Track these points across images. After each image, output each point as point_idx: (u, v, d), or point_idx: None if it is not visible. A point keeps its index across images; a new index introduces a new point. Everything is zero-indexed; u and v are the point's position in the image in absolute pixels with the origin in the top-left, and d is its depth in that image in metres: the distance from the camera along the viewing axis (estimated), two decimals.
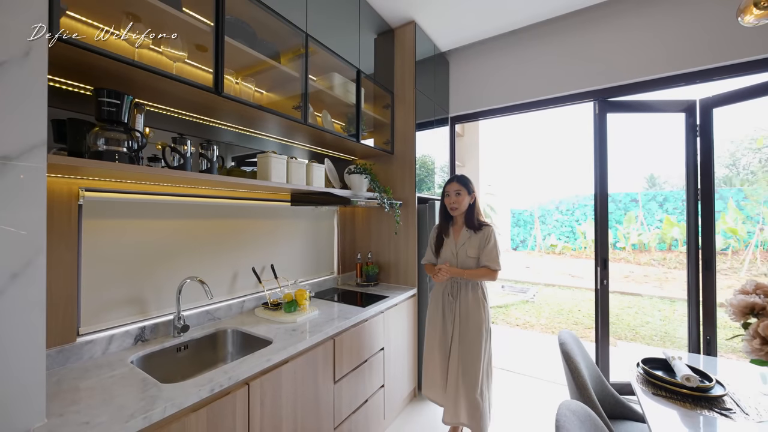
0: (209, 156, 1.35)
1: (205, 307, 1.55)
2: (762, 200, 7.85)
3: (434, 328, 1.87)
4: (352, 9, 2.04)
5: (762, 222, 7.18)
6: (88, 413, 0.85)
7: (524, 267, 8.64)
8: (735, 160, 10.68)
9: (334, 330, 1.53)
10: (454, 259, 1.83)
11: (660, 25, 2.12)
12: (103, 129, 1.00)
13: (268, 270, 1.88)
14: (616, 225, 10.28)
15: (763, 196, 7.95)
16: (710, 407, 1.04)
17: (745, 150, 10.45)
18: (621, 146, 11.61)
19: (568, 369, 1.21)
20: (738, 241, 7.74)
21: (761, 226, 7.03)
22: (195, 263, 1.54)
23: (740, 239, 7.63)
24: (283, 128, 1.73)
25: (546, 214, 11.83)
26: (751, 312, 0.84)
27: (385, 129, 2.44)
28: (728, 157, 11.14)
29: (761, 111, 8.79)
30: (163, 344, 1.31)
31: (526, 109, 2.66)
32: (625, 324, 4.44)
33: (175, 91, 1.22)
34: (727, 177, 11.05)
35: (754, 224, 7.38)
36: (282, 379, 1.25)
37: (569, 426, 0.78)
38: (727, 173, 11.11)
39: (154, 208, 1.39)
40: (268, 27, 1.55)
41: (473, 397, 1.69)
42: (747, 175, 10.05)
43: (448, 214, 1.88)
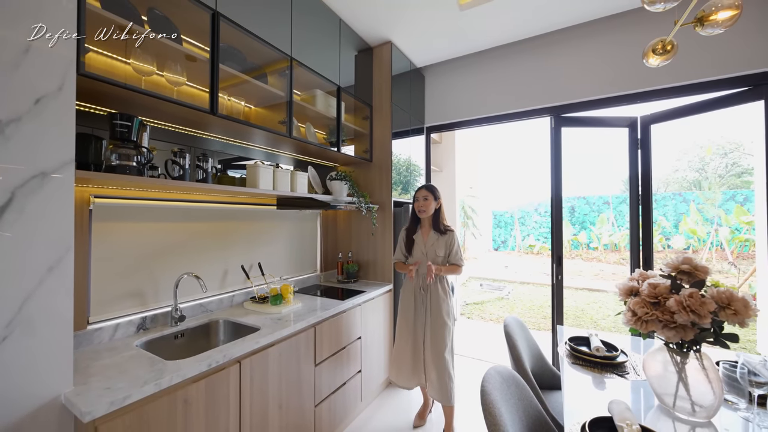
0: (204, 167, 1.54)
1: (199, 301, 1.74)
2: (717, 203, 8.48)
3: (407, 319, 2.09)
4: (334, 30, 2.26)
5: (717, 223, 7.79)
6: (108, 382, 1.03)
7: (503, 266, 9.02)
8: (704, 164, 11.44)
9: (316, 319, 1.75)
10: (425, 257, 2.06)
11: (606, 51, 2.42)
12: (116, 146, 1.18)
13: (255, 268, 2.07)
14: (590, 226, 10.84)
15: (718, 200, 8.59)
16: (613, 371, 1.31)
17: (713, 155, 11.20)
18: (599, 152, 12.22)
19: (507, 345, 1.46)
20: (698, 241, 8.35)
21: (716, 228, 7.63)
22: (190, 261, 1.72)
23: (699, 239, 8.23)
24: (269, 139, 1.93)
25: (525, 216, 12.32)
26: (631, 293, 1.11)
27: (365, 138, 2.67)
28: (698, 162, 11.92)
29: (736, 122, 9.50)
30: (162, 332, 1.50)
31: (493, 122, 2.94)
32: (588, 317, 4.81)
33: (175, 111, 1.41)
34: (696, 180, 11.82)
35: (710, 225, 7.99)
36: (269, 360, 1.45)
37: (492, 381, 1.02)
38: (697, 177, 11.88)
39: (155, 212, 1.57)
40: (256, 51, 1.75)
41: (444, 374, 1.94)
42: (715, 179, 10.79)
43: (417, 217, 2.13)
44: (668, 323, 0.97)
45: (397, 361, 2.10)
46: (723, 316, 0.92)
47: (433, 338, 1.99)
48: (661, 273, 1.08)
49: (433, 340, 1.99)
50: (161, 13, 1.35)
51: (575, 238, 10.49)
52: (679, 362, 1.02)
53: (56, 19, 0.96)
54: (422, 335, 2.04)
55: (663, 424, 1.01)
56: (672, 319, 0.96)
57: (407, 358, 2.07)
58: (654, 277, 1.09)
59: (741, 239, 7.41)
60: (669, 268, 1.05)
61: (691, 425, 1.00)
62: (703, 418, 0.99)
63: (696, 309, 0.90)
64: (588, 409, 1.06)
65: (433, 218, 2.09)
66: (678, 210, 9.65)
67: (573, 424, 0.97)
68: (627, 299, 1.10)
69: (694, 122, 4.41)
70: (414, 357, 2.06)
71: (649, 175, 2.55)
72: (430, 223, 2.11)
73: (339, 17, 2.29)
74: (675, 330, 0.96)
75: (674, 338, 0.97)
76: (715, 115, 2.30)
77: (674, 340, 0.98)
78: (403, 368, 2.07)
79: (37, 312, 0.92)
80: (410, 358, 2.06)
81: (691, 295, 0.93)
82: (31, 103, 0.91)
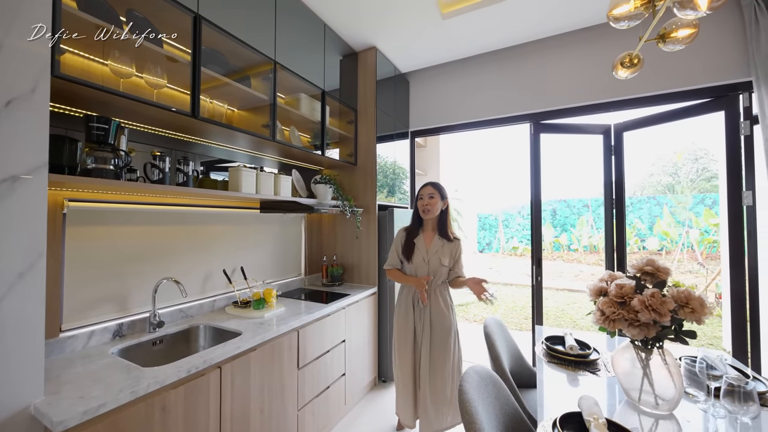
0: (185, 170, 1.52)
1: (179, 306, 1.71)
2: (688, 206, 8.91)
3: (405, 337, 1.84)
4: (318, 35, 2.28)
5: (688, 225, 8.17)
6: (81, 391, 1.01)
7: (488, 268, 9.18)
8: (677, 169, 12.01)
9: (299, 323, 1.74)
10: (425, 265, 1.82)
11: (581, 61, 2.53)
12: (92, 149, 1.16)
13: (238, 272, 2.04)
14: (571, 228, 11.17)
15: (689, 203, 9.03)
16: (586, 369, 1.37)
17: (684, 161, 11.77)
18: (579, 157, 12.62)
19: (486, 345, 1.51)
20: (671, 242, 8.74)
21: (687, 230, 8.01)
22: (170, 265, 1.69)
23: (672, 241, 8.62)
24: (253, 142, 1.92)
25: (509, 218, 12.59)
26: (600, 294, 1.17)
27: (350, 142, 2.69)
28: (671, 166, 12.50)
29: (704, 129, 10.01)
30: (140, 339, 1.46)
31: (475, 127, 3.02)
32: (568, 317, 4.96)
33: (155, 114, 1.39)
34: (670, 184, 12.38)
35: (682, 228, 8.38)
36: (250, 364, 1.44)
37: (469, 380, 1.05)
38: (670, 181, 12.46)
39: (133, 216, 1.54)
40: (239, 54, 1.74)
41: (449, 398, 1.76)
42: (687, 183, 11.34)
43: (419, 218, 1.88)
44: (633, 322, 1.03)
45: (400, 395, 1.84)
46: (682, 315, 0.99)
47: (433, 357, 1.77)
48: (627, 274, 1.14)
49: (432, 362, 1.77)
50: (141, 14, 1.33)
51: (557, 240, 10.78)
52: (644, 358, 1.08)
53: (30, 19, 0.94)
54: (418, 356, 1.81)
55: (629, 417, 1.07)
56: (636, 317, 1.02)
57: (409, 390, 1.81)
58: (621, 278, 1.15)
59: (709, 240, 7.81)
60: (634, 269, 1.11)
61: (654, 418, 1.06)
62: (666, 410, 1.05)
63: (657, 308, 0.96)
64: (561, 406, 1.10)
65: (438, 221, 1.86)
66: (652, 213, 10.08)
67: (546, 420, 1.01)
68: (596, 299, 1.16)
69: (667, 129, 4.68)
70: (415, 387, 1.83)
71: (622, 180, 2.67)
72: (434, 227, 1.88)
73: (324, 22, 2.30)
74: (639, 328, 1.02)
75: (639, 336, 1.03)
76: (686, 123, 2.44)
77: (639, 338, 1.04)
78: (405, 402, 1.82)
79: (5, 319, 0.89)
80: (411, 390, 1.82)
81: (652, 294, 0.99)
82: (2, 105, 0.89)
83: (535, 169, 2.77)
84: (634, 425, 1.02)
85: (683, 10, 0.90)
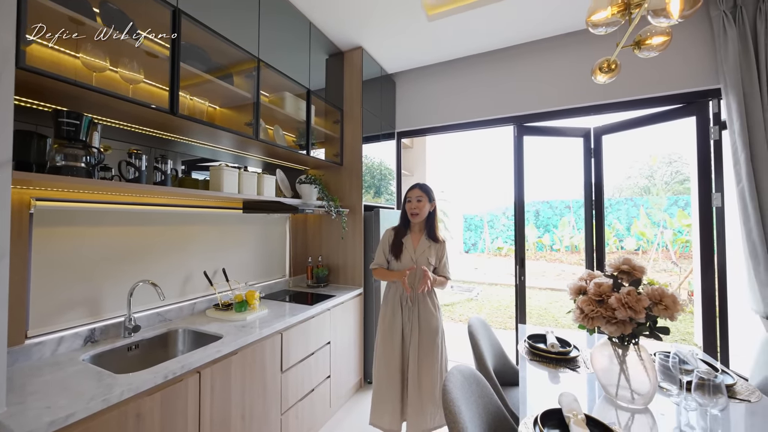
0: (163, 169, 1.47)
1: (157, 309, 1.65)
2: (663, 208, 9.29)
3: (392, 338, 1.81)
4: (304, 34, 2.25)
5: (663, 226, 8.52)
6: (49, 400, 0.95)
7: (473, 269, 9.30)
8: (652, 172, 12.52)
9: (283, 325, 1.71)
10: (414, 265, 1.83)
11: (563, 66, 2.59)
12: (61, 146, 1.10)
13: (219, 274, 1.99)
14: (553, 229, 11.46)
15: (664, 205, 9.42)
16: (567, 366, 1.40)
17: (659, 164, 12.28)
18: (561, 159, 12.97)
19: (470, 345, 1.52)
20: (647, 242, 9.09)
21: (662, 230, 8.35)
22: (147, 267, 1.63)
23: (648, 241, 8.96)
24: (236, 141, 1.88)
25: (494, 220, 12.81)
26: (580, 292, 1.20)
27: (335, 142, 2.67)
28: (647, 169, 13.02)
29: (678, 134, 10.45)
30: (114, 344, 1.40)
31: (460, 129, 3.05)
32: (551, 315, 5.08)
33: (131, 110, 1.34)
34: (646, 187, 12.89)
35: (657, 228, 8.73)
36: (232, 368, 1.41)
37: (453, 380, 1.06)
38: (646, 183, 12.97)
39: (107, 216, 1.48)
40: (221, 51, 1.70)
41: (437, 398, 1.73)
42: (662, 185, 11.83)
43: (407, 219, 1.89)
44: (610, 319, 1.06)
45: (379, 398, 1.78)
46: (656, 311, 1.02)
47: (422, 358, 1.75)
48: (605, 273, 1.17)
49: (420, 361, 1.75)
50: (115, 6, 1.28)
51: (540, 240, 11.04)
52: (621, 355, 1.11)
53: None
54: (407, 357, 1.79)
55: (607, 412, 1.10)
56: (614, 315, 1.05)
57: (394, 392, 1.76)
58: (599, 277, 1.18)
59: (682, 240, 8.16)
60: (611, 268, 1.15)
61: (631, 412, 1.09)
62: (641, 405, 1.09)
63: (633, 305, 0.99)
64: (543, 403, 1.12)
65: (426, 222, 1.89)
66: (630, 214, 10.47)
67: (528, 416, 1.03)
68: (576, 298, 1.19)
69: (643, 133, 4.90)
70: (402, 388, 1.79)
71: (601, 182, 2.75)
72: (422, 228, 1.90)
73: (309, 20, 2.28)
74: (616, 325, 1.05)
75: (616, 333, 1.06)
76: (661, 127, 2.54)
77: (616, 335, 1.07)
78: (389, 406, 1.76)
79: None
80: (398, 391, 1.78)
81: (628, 292, 1.02)
82: None
83: (519, 171, 2.82)
84: (612, 420, 1.05)
85: (657, 18, 0.94)
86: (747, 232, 1.96)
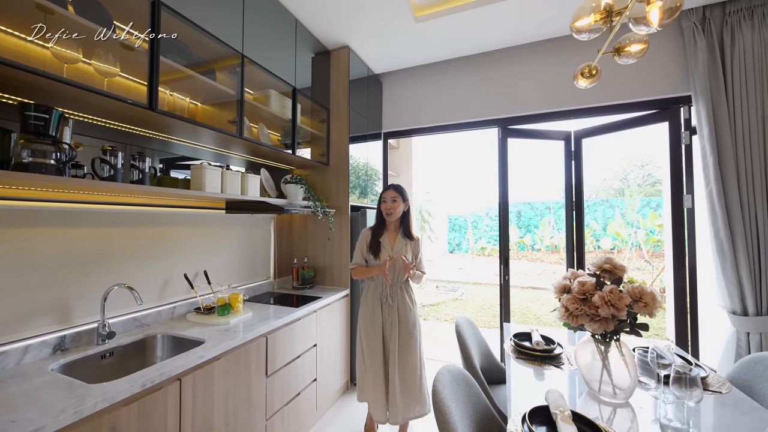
0: (141, 167, 1.40)
1: (133, 314, 1.57)
2: (636, 209, 9.72)
3: (374, 334, 1.88)
4: (289, 31, 2.21)
5: (636, 226, 8.92)
6: (14, 414, 0.89)
7: (458, 269, 9.42)
8: (626, 174, 13.08)
9: (268, 329, 1.67)
10: (391, 263, 1.91)
11: (546, 70, 2.66)
12: (28, 141, 1.03)
13: (201, 276, 1.92)
14: (534, 229, 11.77)
15: (637, 206, 9.85)
16: (551, 363, 1.44)
17: (632, 167, 12.84)
18: (542, 161, 13.35)
19: (458, 344, 1.53)
20: (622, 242, 9.48)
21: (635, 230, 8.73)
22: (123, 270, 1.55)
23: (623, 240, 9.35)
24: (218, 139, 1.82)
25: (478, 220, 13.02)
26: (564, 291, 1.23)
27: (322, 142, 2.63)
28: (621, 172, 13.59)
29: (652, 138, 10.94)
30: (86, 352, 1.32)
31: (446, 130, 3.08)
32: (532, 314, 5.21)
33: (106, 105, 1.27)
34: (620, 189, 13.45)
35: (631, 228, 9.13)
36: (214, 374, 1.36)
37: (442, 380, 1.06)
38: (621, 185, 13.54)
39: (80, 217, 1.40)
40: (204, 46, 1.64)
41: (417, 388, 1.84)
42: (635, 187, 12.38)
43: (383, 219, 1.98)
44: (594, 317, 1.09)
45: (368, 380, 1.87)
46: (636, 309, 1.06)
47: (401, 351, 1.85)
48: (588, 272, 1.20)
49: (401, 353, 1.85)
50: None
51: (521, 240, 11.31)
52: (603, 351, 1.15)
53: None
54: (387, 351, 1.87)
55: (590, 407, 1.13)
56: (597, 313, 1.08)
57: (380, 385, 1.85)
58: (583, 276, 1.22)
59: (654, 240, 8.57)
60: (594, 267, 1.18)
61: (612, 406, 1.13)
62: (623, 399, 1.13)
63: (615, 303, 1.03)
64: (529, 400, 1.14)
65: (401, 222, 1.98)
66: (606, 215, 10.89)
67: (516, 414, 1.04)
68: (561, 296, 1.22)
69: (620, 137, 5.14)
70: (383, 375, 1.87)
71: (581, 184, 2.85)
72: (397, 227, 1.99)
73: (295, 18, 2.24)
74: (599, 323, 1.08)
75: (599, 330, 1.09)
76: (636, 132, 2.65)
77: (599, 332, 1.10)
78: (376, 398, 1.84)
79: None
80: (382, 386, 1.86)
81: (611, 290, 1.06)
82: None
83: (503, 173, 2.87)
84: (596, 414, 1.08)
85: (638, 26, 0.98)
86: (715, 232, 2.07)
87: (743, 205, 2.01)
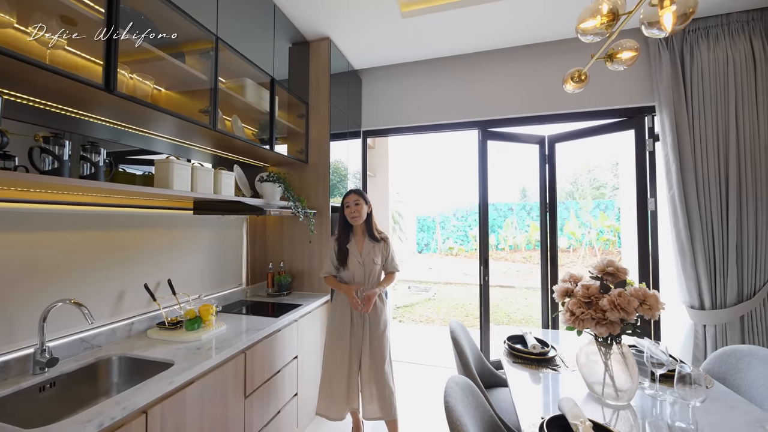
0: (94, 159, 1.18)
1: (81, 335, 1.32)
2: (589, 210, 10.52)
3: (341, 339, 1.90)
4: (268, 16, 2.03)
5: (590, 226, 9.65)
6: None
7: (427, 268, 9.54)
8: (576, 178, 14.13)
9: (245, 344, 1.49)
10: (362, 267, 1.93)
11: (523, 75, 2.71)
12: None
13: (164, 286, 1.69)
14: (498, 229, 12.29)
15: (590, 208, 10.67)
16: (547, 366, 1.43)
17: (581, 172, 13.91)
18: (504, 164, 13.98)
19: (455, 351, 1.48)
20: (577, 241, 10.19)
21: (589, 230, 9.44)
22: (68, 283, 1.30)
23: (578, 240, 10.06)
24: (181, 130, 1.60)
25: (445, 221, 13.32)
26: (567, 294, 1.23)
27: (300, 138, 2.47)
28: (571, 176, 14.67)
29: (593, 146, 11.85)
30: (18, 385, 1.07)
31: (426, 131, 3.05)
32: (503, 312, 5.38)
33: (48, 83, 1.04)
34: (570, 192, 14.51)
35: (585, 228, 9.85)
36: (186, 403, 1.17)
37: (454, 395, 0.99)
38: (571, 189, 14.61)
39: (10, 218, 1.13)
40: (172, 23, 1.43)
41: (387, 391, 1.85)
42: (582, 191, 13.40)
43: (347, 224, 1.98)
44: (600, 320, 1.08)
45: (328, 391, 1.89)
46: (641, 311, 1.07)
47: (373, 353, 1.88)
48: (590, 275, 1.20)
49: (372, 355, 1.88)
50: None
51: None
52: (606, 354, 1.15)
53: None
54: (358, 352, 1.90)
55: (594, 410, 1.12)
56: (604, 316, 1.07)
57: (342, 385, 1.87)
58: (583, 279, 1.21)
59: (604, 239, 9.32)
60: (596, 270, 1.18)
61: (614, 409, 1.13)
62: (625, 401, 1.13)
63: (624, 306, 1.03)
64: (535, 407, 1.11)
65: (366, 225, 1.98)
66: (562, 216, 11.67)
67: (528, 427, 1.00)
68: (563, 300, 1.20)
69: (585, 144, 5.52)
70: (349, 379, 1.89)
71: (555, 186, 2.96)
72: (363, 231, 1.99)
73: (273, 2, 2.06)
74: (606, 326, 1.07)
75: (605, 333, 1.09)
76: (601, 139, 2.80)
77: (604, 335, 1.10)
78: (337, 397, 1.87)
79: None
80: (345, 383, 1.88)
81: (619, 294, 1.05)
82: None
83: (483, 174, 2.90)
84: (600, 417, 1.07)
85: (650, 29, 0.98)
86: (676, 233, 2.24)
87: (701, 208, 2.19)
